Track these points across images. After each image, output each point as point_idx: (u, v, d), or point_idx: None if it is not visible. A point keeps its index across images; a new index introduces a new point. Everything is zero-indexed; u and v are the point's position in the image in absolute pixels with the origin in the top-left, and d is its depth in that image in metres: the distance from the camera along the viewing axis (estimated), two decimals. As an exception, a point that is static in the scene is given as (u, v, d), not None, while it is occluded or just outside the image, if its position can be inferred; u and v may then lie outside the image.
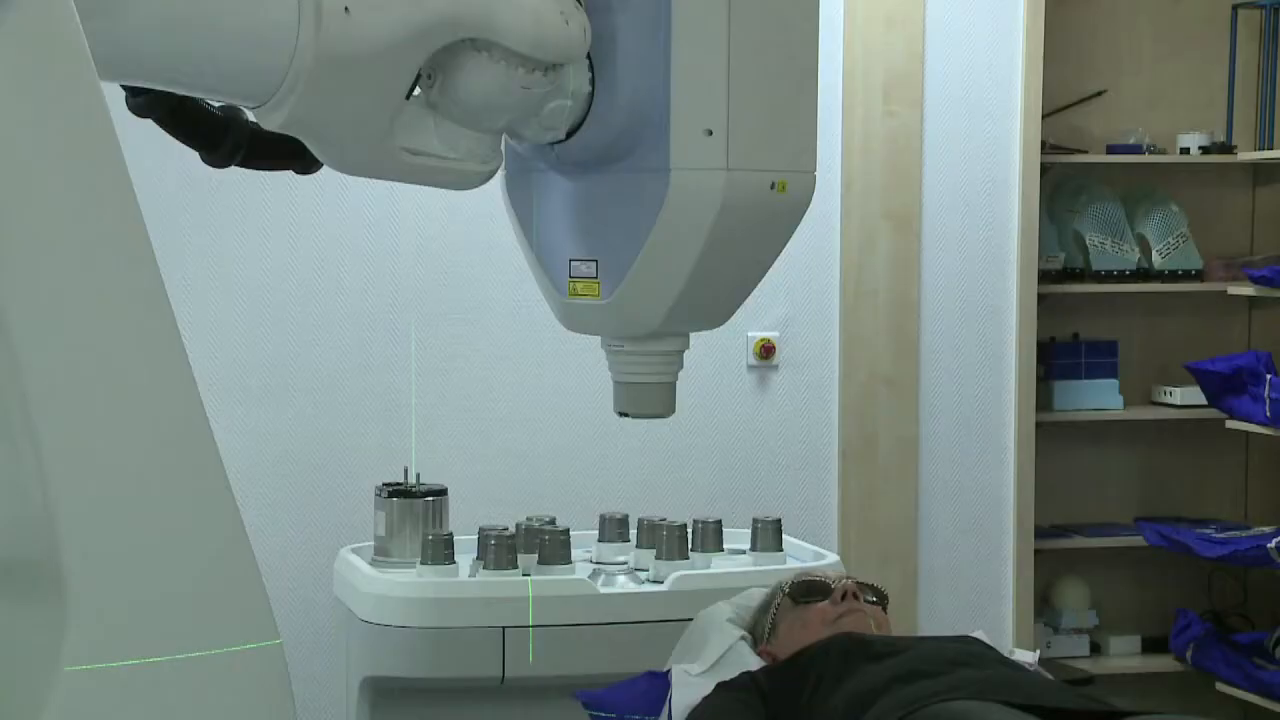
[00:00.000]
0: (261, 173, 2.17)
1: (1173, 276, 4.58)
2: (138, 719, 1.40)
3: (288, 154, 2.04)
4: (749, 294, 2.28)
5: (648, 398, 2.30)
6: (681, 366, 2.32)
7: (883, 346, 4.28)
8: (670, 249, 2.12)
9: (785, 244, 2.25)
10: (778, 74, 2.16)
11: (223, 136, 2.04)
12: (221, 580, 1.46)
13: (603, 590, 3.17)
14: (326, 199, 3.96)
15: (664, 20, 2.07)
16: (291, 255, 3.97)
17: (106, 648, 1.38)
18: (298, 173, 2.14)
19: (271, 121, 1.86)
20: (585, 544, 3.38)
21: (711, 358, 4.06)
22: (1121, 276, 4.55)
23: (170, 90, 1.90)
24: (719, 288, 2.23)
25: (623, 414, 2.33)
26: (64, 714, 1.36)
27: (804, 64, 2.21)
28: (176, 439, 1.45)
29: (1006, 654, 2.48)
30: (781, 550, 3.33)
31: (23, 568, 1.42)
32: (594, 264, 2.20)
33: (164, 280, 1.47)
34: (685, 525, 3.28)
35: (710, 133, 2.08)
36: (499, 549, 3.15)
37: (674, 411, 2.33)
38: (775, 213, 2.19)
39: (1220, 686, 4.46)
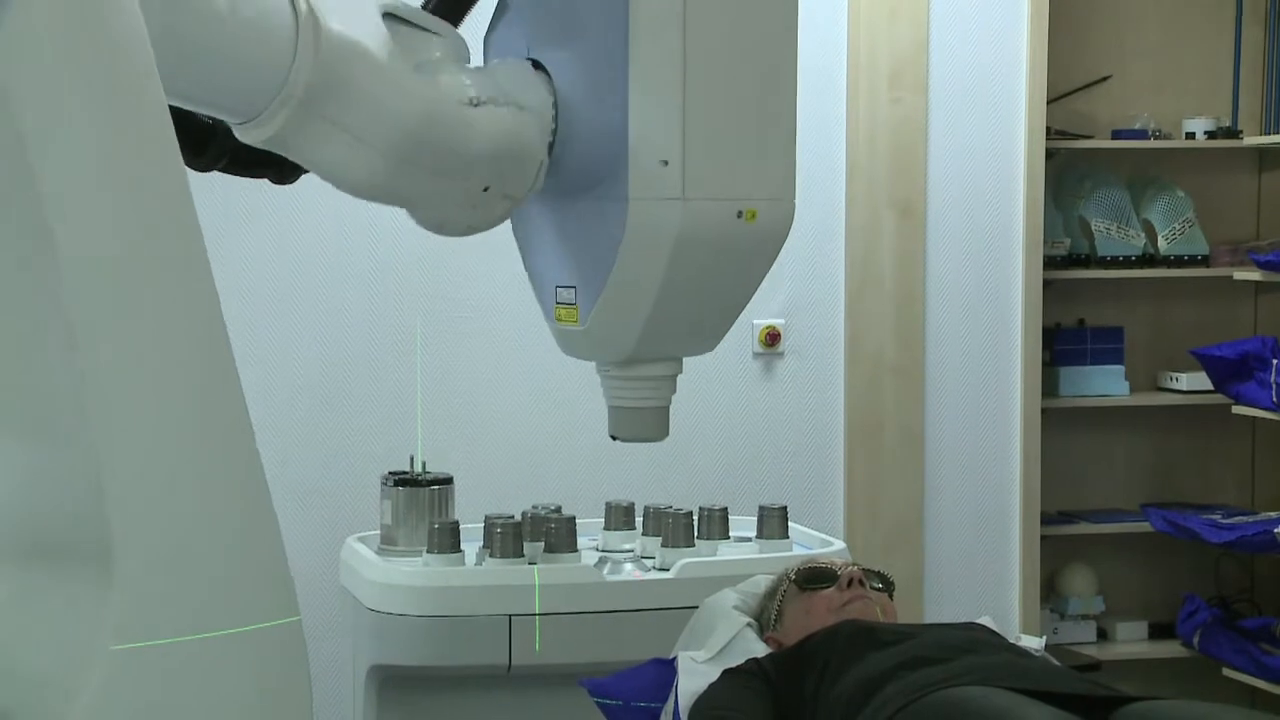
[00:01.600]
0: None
1: (1179, 262, 4.57)
2: (172, 694, 1.45)
3: (268, 162, 2.06)
4: (733, 320, 2.25)
5: (638, 422, 2.29)
6: (674, 390, 2.31)
7: (888, 333, 4.27)
8: (634, 277, 2.11)
9: (764, 272, 2.21)
10: (743, 102, 2.11)
11: (208, 142, 2.05)
12: (254, 559, 1.53)
13: (609, 578, 3.17)
14: (331, 194, 3.94)
15: (621, 51, 2.05)
16: (299, 245, 3.97)
17: (150, 627, 1.43)
18: (274, 181, 2.16)
19: (252, 138, 1.89)
20: (591, 532, 3.38)
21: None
22: (1127, 262, 4.54)
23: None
24: (694, 315, 2.21)
25: (614, 438, 2.33)
26: (105, 692, 1.41)
27: (777, 90, 2.15)
28: (218, 422, 1.51)
29: (1013, 640, 2.48)
30: (787, 537, 3.33)
31: (68, 549, 1.46)
32: (573, 290, 2.21)
33: None
34: (691, 513, 3.28)
35: (666, 163, 2.06)
36: (505, 537, 3.15)
37: (667, 435, 2.32)
38: (745, 242, 2.14)
39: (1227, 672, 4.46)
